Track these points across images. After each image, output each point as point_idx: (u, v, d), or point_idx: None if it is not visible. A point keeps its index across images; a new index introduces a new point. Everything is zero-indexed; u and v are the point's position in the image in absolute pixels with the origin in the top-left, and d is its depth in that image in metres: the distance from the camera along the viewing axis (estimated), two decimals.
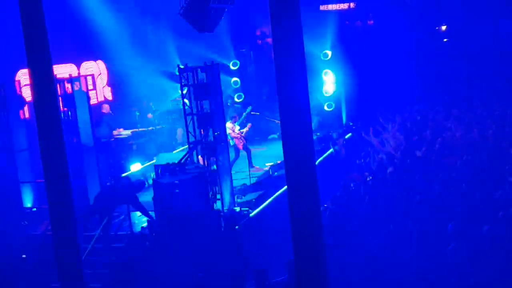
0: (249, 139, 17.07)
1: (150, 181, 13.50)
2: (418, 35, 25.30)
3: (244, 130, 16.27)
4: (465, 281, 7.28)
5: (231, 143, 15.89)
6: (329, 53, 20.71)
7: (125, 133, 16.69)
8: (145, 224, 11.75)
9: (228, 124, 16.33)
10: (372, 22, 24.42)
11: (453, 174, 11.39)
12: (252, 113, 17.56)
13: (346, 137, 19.35)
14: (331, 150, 17.85)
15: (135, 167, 15.84)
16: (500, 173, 11.08)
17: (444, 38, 26.55)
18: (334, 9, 22.91)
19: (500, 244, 7.91)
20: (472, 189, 10.29)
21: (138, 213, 12.15)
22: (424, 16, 25.84)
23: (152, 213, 11.68)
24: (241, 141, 16.03)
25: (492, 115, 17.21)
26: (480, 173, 11.29)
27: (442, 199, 10.03)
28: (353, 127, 20.70)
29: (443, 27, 26.51)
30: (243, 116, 16.76)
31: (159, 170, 12.00)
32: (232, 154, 15.10)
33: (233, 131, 15.94)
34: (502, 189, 10.04)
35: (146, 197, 12.71)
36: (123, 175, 14.42)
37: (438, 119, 17.81)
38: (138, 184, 12.27)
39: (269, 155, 17.42)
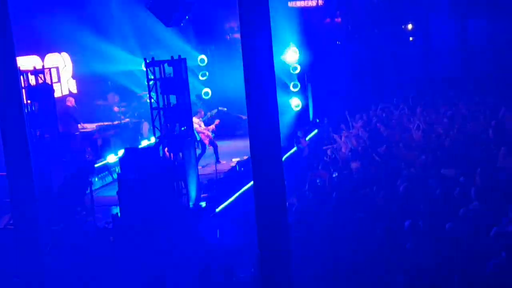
0: (216, 135, 17.05)
1: (115, 176, 13.39)
2: (385, 34, 25.63)
3: (211, 127, 16.26)
4: (425, 278, 7.41)
5: (197, 138, 15.87)
6: (297, 51, 20.76)
7: (90, 126, 16.50)
8: (109, 219, 11.66)
9: (195, 119, 16.30)
10: (339, 19, 24.61)
11: (416, 171, 11.57)
12: (219, 108, 17.54)
13: (311, 134, 19.45)
14: (295, 148, 17.95)
15: (100, 162, 15.68)
16: (460, 170, 11.33)
17: (410, 37, 26.94)
18: (302, 6, 23.03)
19: (462, 241, 8.07)
20: (433, 185, 10.48)
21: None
22: (391, 15, 26.17)
23: (116, 208, 11.60)
24: (208, 136, 16.02)
25: (457, 113, 17.54)
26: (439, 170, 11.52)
27: (405, 195, 10.18)
28: (320, 124, 20.85)
29: (409, 26, 26.89)
30: (206, 117, 16.73)
31: (125, 165, 11.90)
32: (198, 149, 15.09)
33: (200, 126, 15.91)
34: (459, 186, 10.25)
35: (111, 191, 12.60)
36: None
37: (402, 117, 18.07)
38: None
39: (236, 151, 17.42)
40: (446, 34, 25.02)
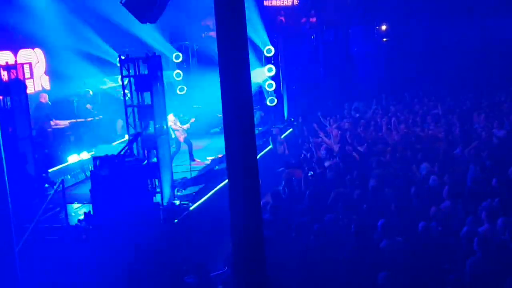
0: (191, 132, 16.98)
1: (88, 173, 13.24)
2: (359, 34, 25.81)
3: (186, 126, 16.20)
4: (399, 277, 7.46)
5: (173, 135, 15.78)
6: (273, 48, 20.77)
7: (62, 123, 16.30)
8: (81, 217, 11.53)
9: (170, 117, 16.22)
10: (314, 19, 24.71)
11: (389, 170, 11.66)
12: (194, 106, 17.50)
13: (286, 133, 19.50)
14: (271, 145, 17.98)
15: (72, 159, 15.50)
16: (431, 169, 11.46)
17: (384, 38, 27.15)
18: (278, 5, 23.08)
19: (433, 241, 8.15)
20: (405, 184, 10.58)
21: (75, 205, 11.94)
22: (365, 15, 26.36)
23: (89, 206, 11.48)
24: (183, 134, 15.94)
25: (430, 113, 17.74)
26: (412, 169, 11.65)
27: (379, 194, 10.25)
28: (294, 123, 20.91)
29: (383, 27, 27.10)
30: (186, 119, 16.67)
31: (97, 162, 11.77)
32: (173, 147, 15.01)
33: (175, 123, 15.83)
34: (429, 185, 10.37)
35: (84, 189, 12.46)
36: None
37: (376, 117, 18.23)
38: None
39: (211, 149, 17.39)
40: (419, 35, 25.29)
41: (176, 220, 11.60)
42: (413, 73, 24.17)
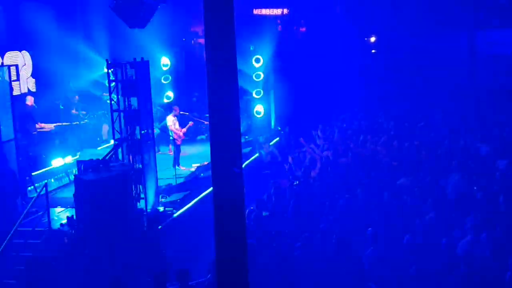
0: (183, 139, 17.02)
1: (72, 177, 13.17)
2: (347, 45, 25.93)
3: (183, 130, 16.28)
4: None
5: (171, 137, 15.89)
6: (261, 58, 20.81)
7: (48, 126, 16.21)
8: (64, 221, 11.46)
9: (169, 118, 16.26)
10: (304, 29, 24.82)
11: (374, 181, 11.73)
12: (181, 113, 17.49)
13: (272, 142, 19.53)
14: (257, 154, 17.99)
15: (57, 163, 15.41)
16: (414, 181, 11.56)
17: (372, 49, 27.32)
18: (267, 14, 23.14)
19: (417, 251, 8.20)
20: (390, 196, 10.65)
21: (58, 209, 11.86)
22: (354, 27, 26.51)
23: (72, 210, 11.41)
24: (180, 136, 16.08)
25: (415, 126, 17.87)
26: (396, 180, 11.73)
27: (364, 205, 10.31)
28: (281, 132, 20.94)
29: (372, 39, 27.28)
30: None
31: (82, 167, 11.71)
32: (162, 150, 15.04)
33: (174, 124, 15.92)
34: (414, 197, 10.45)
35: (67, 193, 12.39)
36: None
37: (362, 128, 18.34)
38: None
39: (196, 156, 17.37)
40: (407, 47, 25.50)
41: (160, 227, 11.56)
42: (402, 85, 24.34)
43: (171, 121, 16.30)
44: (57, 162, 15.42)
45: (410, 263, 7.77)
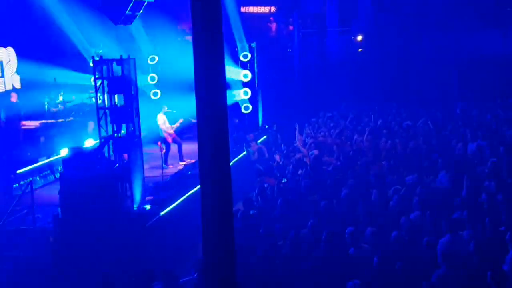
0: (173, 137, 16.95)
1: (58, 175, 13.08)
2: (335, 43, 26.00)
3: (174, 126, 16.23)
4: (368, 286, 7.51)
5: (161, 135, 15.85)
6: (249, 54, 20.79)
7: (33, 124, 16.09)
8: (49, 219, 11.36)
9: (160, 116, 16.20)
10: (292, 27, 24.83)
11: (360, 180, 11.75)
12: (167, 110, 17.41)
13: (260, 140, 19.52)
14: (245, 152, 17.97)
15: (42, 160, 15.30)
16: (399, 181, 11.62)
17: (359, 48, 27.40)
18: (255, 11, 23.12)
19: (403, 249, 8.22)
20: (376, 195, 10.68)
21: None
22: (341, 25, 26.59)
23: (58, 208, 11.32)
24: (171, 135, 16.03)
25: (401, 125, 17.93)
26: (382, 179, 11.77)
27: (350, 203, 10.32)
28: (269, 130, 20.93)
29: (359, 37, 27.34)
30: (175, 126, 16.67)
31: (67, 164, 11.63)
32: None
33: (164, 123, 15.87)
34: (398, 194, 10.49)
35: (53, 191, 12.30)
36: None
37: (349, 126, 18.37)
38: None
39: (184, 154, 17.31)
40: (394, 47, 25.62)
41: (146, 225, 11.50)
42: (388, 84, 24.44)
43: (161, 119, 16.25)
44: (42, 160, 15.32)
45: (396, 260, 7.79)
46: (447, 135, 15.71)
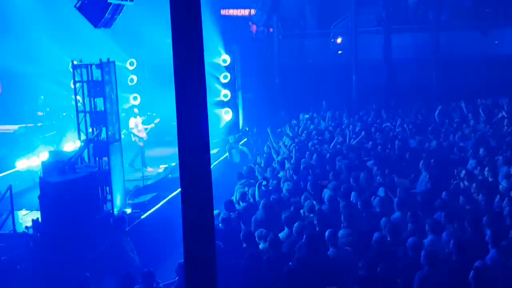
0: (146, 140, 16.88)
1: (37, 179, 12.95)
2: (315, 46, 26.06)
3: (150, 126, 16.18)
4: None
5: (132, 139, 15.75)
6: (228, 58, 20.77)
7: (12, 127, 15.93)
8: (29, 224, 11.24)
9: (132, 120, 16.13)
10: (272, 29, 24.86)
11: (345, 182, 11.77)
12: (148, 113, 17.37)
13: (240, 143, 19.51)
14: (226, 154, 17.95)
15: (21, 164, 15.13)
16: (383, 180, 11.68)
17: (339, 50, 27.48)
18: (235, 14, 23.11)
19: (386, 251, 8.25)
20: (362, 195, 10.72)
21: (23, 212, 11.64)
22: (321, 27, 26.68)
23: (37, 212, 11.21)
24: (142, 138, 15.98)
25: (380, 127, 18.02)
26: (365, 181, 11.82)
27: (333, 205, 10.34)
28: (249, 133, 20.92)
29: (339, 40, 27.44)
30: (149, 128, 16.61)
31: (47, 168, 11.52)
32: (129, 153, 14.89)
33: (136, 127, 15.79)
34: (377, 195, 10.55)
35: (33, 195, 12.17)
36: None
37: (330, 129, 18.41)
38: None
39: (164, 157, 17.26)
40: (372, 48, 25.75)
41: (127, 229, 11.43)
42: (370, 85, 24.55)
43: (133, 123, 16.19)
44: (21, 164, 15.15)
45: (377, 262, 7.81)
46: (427, 136, 15.79)
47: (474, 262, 7.43)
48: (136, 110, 16.71)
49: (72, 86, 12.48)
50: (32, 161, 15.37)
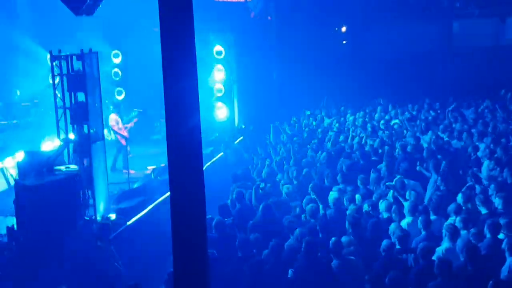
0: (130, 139, 16.85)
1: (12, 182, 12.94)
2: (317, 35, 25.99)
3: (130, 124, 16.14)
4: None
5: (114, 138, 15.69)
6: (222, 49, 20.74)
7: None
8: (3, 231, 11.21)
9: (112, 116, 16.08)
10: (270, 18, 24.82)
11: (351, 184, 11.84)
12: (134, 109, 17.36)
13: (236, 141, 19.52)
14: (221, 154, 17.94)
15: None
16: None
17: (343, 40, 27.49)
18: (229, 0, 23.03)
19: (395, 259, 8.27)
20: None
21: None
22: (324, 16, 26.63)
23: (12, 219, 11.19)
24: (125, 136, 15.92)
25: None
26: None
27: (338, 210, 10.37)
28: (246, 130, 20.90)
29: (343, 29, 27.45)
30: (126, 119, 16.59)
31: (23, 170, 11.49)
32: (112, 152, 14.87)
33: (117, 123, 15.74)
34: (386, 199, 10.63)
35: (7, 199, 12.15)
36: None
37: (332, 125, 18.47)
38: None
39: (152, 157, 17.25)
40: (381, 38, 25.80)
41: (111, 237, 11.41)
42: (374, 78, 24.59)
43: (113, 120, 16.16)
44: None
45: (386, 273, 7.85)
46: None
47: (492, 272, 7.45)
48: (115, 107, 16.67)
49: (51, 81, 12.44)
50: (7, 163, 15.34)
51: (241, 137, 20.22)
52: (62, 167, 11.60)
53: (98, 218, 11.92)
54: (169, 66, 4.73)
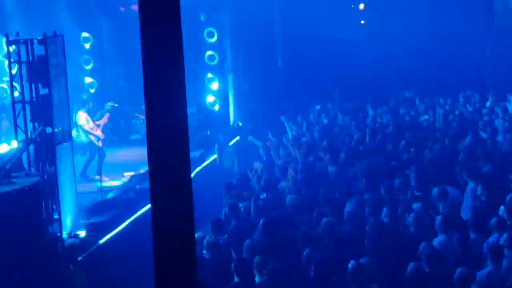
0: (105, 140, 16.89)
1: None
2: (330, 14, 25.97)
3: (101, 121, 16.17)
4: None
5: (85, 140, 15.70)
6: (214, 32, 20.78)
7: None
8: None
9: (81, 114, 16.10)
10: None
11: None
12: (109, 104, 17.38)
13: (232, 142, 19.55)
14: (214, 156, 17.97)
15: None
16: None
17: (362, 20, 27.51)
18: None
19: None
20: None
21: None
22: None
23: None
24: (99, 136, 15.97)
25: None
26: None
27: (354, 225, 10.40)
28: (243, 129, 20.92)
29: (361, 6, 27.47)
30: (98, 115, 16.64)
31: None
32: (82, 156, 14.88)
33: (88, 122, 15.77)
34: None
35: None
36: None
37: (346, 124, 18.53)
38: None
39: (130, 162, 17.28)
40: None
41: (79, 258, 11.42)
42: (400, 65, 24.67)
43: (83, 119, 16.17)
44: None
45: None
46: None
47: None
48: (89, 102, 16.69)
49: (7, 70, 12.44)
50: None
51: (238, 137, 20.26)
52: (21, 174, 11.60)
53: (64, 235, 11.92)
54: (149, 53, 4.72)
